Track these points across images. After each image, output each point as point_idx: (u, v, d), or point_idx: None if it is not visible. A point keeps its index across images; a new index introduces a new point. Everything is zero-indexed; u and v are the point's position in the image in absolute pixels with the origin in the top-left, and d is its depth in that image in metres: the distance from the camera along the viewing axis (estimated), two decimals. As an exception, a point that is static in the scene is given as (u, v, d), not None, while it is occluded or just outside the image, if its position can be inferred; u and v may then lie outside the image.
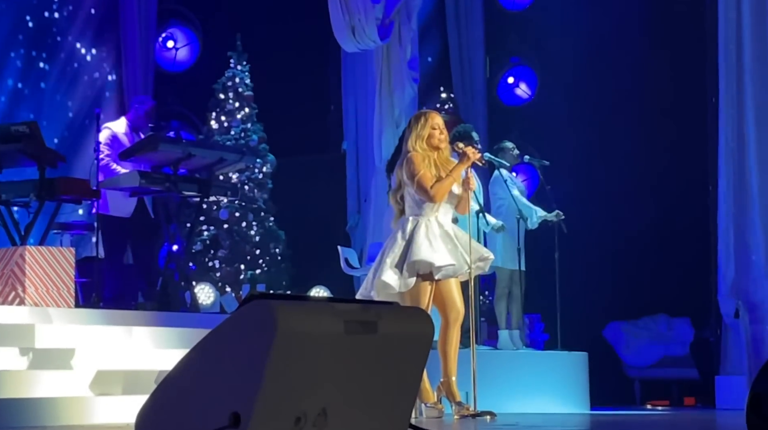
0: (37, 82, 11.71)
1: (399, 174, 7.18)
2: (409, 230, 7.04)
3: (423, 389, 7.16)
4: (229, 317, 3.46)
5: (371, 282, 7.09)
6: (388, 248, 7.07)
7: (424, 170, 7.05)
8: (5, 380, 6.55)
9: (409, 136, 7.19)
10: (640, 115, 12.35)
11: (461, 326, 7.30)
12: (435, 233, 7.03)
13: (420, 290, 6.99)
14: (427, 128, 7.15)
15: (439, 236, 7.03)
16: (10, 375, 6.66)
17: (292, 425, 3.37)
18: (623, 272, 11.92)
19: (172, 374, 3.50)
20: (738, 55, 9.99)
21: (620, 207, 12.16)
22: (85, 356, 7.20)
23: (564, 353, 9.42)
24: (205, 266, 12.08)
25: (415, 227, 7.03)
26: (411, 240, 6.99)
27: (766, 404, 3.72)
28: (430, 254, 6.93)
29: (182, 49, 13.01)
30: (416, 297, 6.96)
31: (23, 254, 8.06)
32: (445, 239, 7.05)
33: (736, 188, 9.98)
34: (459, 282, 7.21)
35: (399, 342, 3.60)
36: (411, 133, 7.18)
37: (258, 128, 12.55)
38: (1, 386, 6.46)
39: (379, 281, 6.95)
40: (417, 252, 6.92)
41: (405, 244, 7.00)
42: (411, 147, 7.15)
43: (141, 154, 9.03)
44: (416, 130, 7.15)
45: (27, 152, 8.56)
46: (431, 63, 13.05)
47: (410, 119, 7.40)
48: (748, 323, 9.77)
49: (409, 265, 6.94)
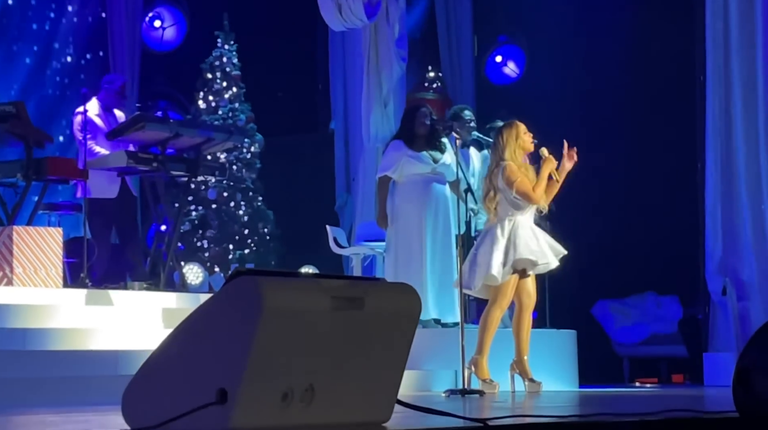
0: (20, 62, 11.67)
1: (494, 180, 7.92)
2: (507, 229, 7.86)
3: (480, 366, 7.91)
4: (216, 293, 3.46)
5: (467, 272, 7.86)
6: (490, 245, 7.83)
7: (521, 177, 7.85)
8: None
9: (505, 147, 7.92)
10: (628, 94, 12.34)
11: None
12: (530, 233, 7.89)
13: (509, 282, 7.87)
14: (521, 136, 7.96)
15: (532, 234, 7.89)
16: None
17: (279, 400, 3.38)
18: (611, 251, 11.92)
19: (158, 352, 3.50)
20: (725, 33, 9.98)
21: (608, 185, 12.15)
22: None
23: (553, 331, 9.44)
24: (193, 246, 12.06)
25: (513, 227, 7.86)
26: (513, 239, 7.82)
27: (753, 377, 3.74)
28: (531, 253, 7.81)
29: (169, 29, 12.95)
30: (504, 287, 7.86)
31: (11, 235, 8.05)
32: (537, 238, 7.91)
33: (724, 166, 9.98)
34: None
35: (386, 318, 3.61)
36: (508, 144, 7.93)
37: (246, 108, 12.53)
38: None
39: (489, 275, 7.77)
40: (521, 251, 7.79)
41: (506, 241, 7.82)
42: (509, 157, 7.90)
43: (128, 134, 9.01)
44: (512, 140, 7.94)
45: (14, 132, 8.54)
46: (419, 42, 13.01)
47: (502, 132, 8.02)
48: (736, 300, 9.79)
49: (513, 262, 7.79)
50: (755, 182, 9.84)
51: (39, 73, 11.86)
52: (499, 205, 7.93)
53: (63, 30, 12.10)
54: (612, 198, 12.16)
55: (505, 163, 7.91)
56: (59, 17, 12.09)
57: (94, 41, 12.26)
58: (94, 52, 12.33)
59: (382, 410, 3.69)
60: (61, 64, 12.08)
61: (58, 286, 8.20)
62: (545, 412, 4.42)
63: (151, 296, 8.66)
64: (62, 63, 12.08)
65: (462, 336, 7.66)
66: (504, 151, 7.94)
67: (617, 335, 11.90)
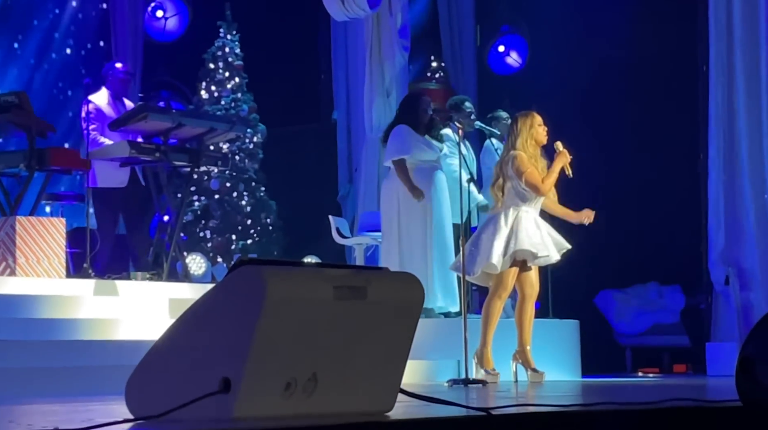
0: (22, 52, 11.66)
1: (502, 169, 7.93)
2: (511, 219, 7.85)
3: (484, 356, 7.94)
4: (219, 283, 3.46)
5: (468, 257, 7.81)
6: (492, 233, 7.83)
7: (531, 168, 7.83)
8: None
9: (518, 136, 7.92)
10: (630, 83, 12.32)
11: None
12: (533, 225, 7.87)
13: (509, 272, 7.87)
14: (534, 127, 7.94)
15: (535, 226, 7.87)
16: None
17: (282, 390, 3.38)
18: (614, 240, 11.91)
19: (161, 342, 3.51)
20: (728, 22, 9.96)
21: (611, 175, 12.14)
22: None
23: (555, 321, 9.44)
24: (196, 236, 12.07)
25: (516, 218, 7.85)
26: (515, 230, 7.81)
27: (756, 366, 3.74)
28: (532, 245, 7.79)
29: (171, 19, 12.94)
30: (504, 277, 7.87)
31: (13, 225, 8.05)
32: (540, 230, 7.89)
33: (726, 156, 9.97)
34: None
35: (389, 307, 3.60)
36: (521, 133, 7.92)
37: (248, 98, 12.52)
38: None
39: (489, 264, 7.75)
40: (522, 243, 7.77)
41: (509, 231, 7.81)
42: (521, 147, 7.89)
43: (131, 124, 9.00)
44: (526, 130, 7.92)
45: (16, 122, 8.53)
46: (421, 31, 12.99)
47: (517, 120, 8.01)
48: (738, 290, 9.78)
49: (513, 252, 7.78)
50: (758, 172, 9.83)
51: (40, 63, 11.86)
52: (506, 193, 7.93)
53: (64, 20, 12.10)
54: (614, 188, 12.15)
55: (516, 153, 7.90)
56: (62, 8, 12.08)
57: (95, 32, 12.25)
58: (95, 43, 12.32)
59: (385, 400, 3.69)
60: (62, 55, 12.07)
61: (61, 276, 8.20)
62: (548, 401, 4.42)
63: (154, 286, 8.66)
64: (63, 53, 12.08)
65: (465, 326, 7.65)
66: (516, 140, 7.95)
67: (620, 325, 11.90)
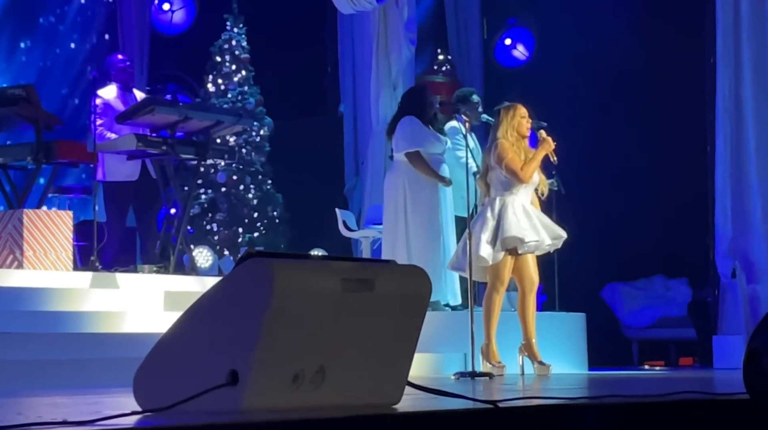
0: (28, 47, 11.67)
1: (487, 158, 7.97)
2: (497, 208, 7.82)
3: (489, 351, 7.92)
4: (227, 275, 3.46)
5: (461, 255, 7.87)
6: (480, 225, 7.80)
7: (512, 155, 7.82)
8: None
9: (500, 126, 7.96)
10: (637, 77, 12.30)
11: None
12: (520, 212, 7.80)
13: (503, 263, 7.82)
14: (516, 118, 7.96)
15: (523, 214, 7.80)
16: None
17: (290, 382, 3.39)
18: (621, 233, 11.91)
19: (169, 334, 3.51)
20: (736, 14, 9.95)
21: (618, 168, 12.14)
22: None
23: (562, 314, 9.43)
24: (203, 229, 12.07)
25: (502, 207, 7.80)
26: (501, 218, 7.77)
27: (763, 359, 3.74)
28: (519, 230, 7.73)
29: (178, 12, 12.95)
30: (499, 269, 7.82)
31: (21, 218, 8.06)
32: (529, 217, 7.82)
33: (734, 149, 9.96)
34: (535, 255, 8.00)
35: (396, 300, 3.61)
36: (502, 123, 7.96)
37: (255, 91, 12.51)
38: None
39: (477, 256, 7.70)
40: (508, 229, 7.72)
41: (495, 222, 7.77)
42: (501, 135, 7.92)
43: (138, 117, 9.00)
44: (507, 120, 7.95)
45: (24, 115, 8.54)
46: (428, 25, 12.98)
47: (500, 111, 8.06)
48: (745, 283, 9.77)
49: (501, 241, 7.73)
50: (765, 165, 9.81)
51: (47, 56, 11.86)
52: (491, 183, 7.93)
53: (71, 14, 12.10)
54: (621, 181, 12.14)
55: (498, 141, 7.92)
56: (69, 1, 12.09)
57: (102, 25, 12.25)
58: (100, 36, 12.33)
59: (393, 392, 3.69)
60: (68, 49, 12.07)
61: (68, 269, 8.22)
62: (555, 394, 4.43)
63: (161, 279, 8.68)
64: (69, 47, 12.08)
65: (471, 319, 7.66)
66: (497, 129, 8.00)
67: (626, 317, 11.89)
